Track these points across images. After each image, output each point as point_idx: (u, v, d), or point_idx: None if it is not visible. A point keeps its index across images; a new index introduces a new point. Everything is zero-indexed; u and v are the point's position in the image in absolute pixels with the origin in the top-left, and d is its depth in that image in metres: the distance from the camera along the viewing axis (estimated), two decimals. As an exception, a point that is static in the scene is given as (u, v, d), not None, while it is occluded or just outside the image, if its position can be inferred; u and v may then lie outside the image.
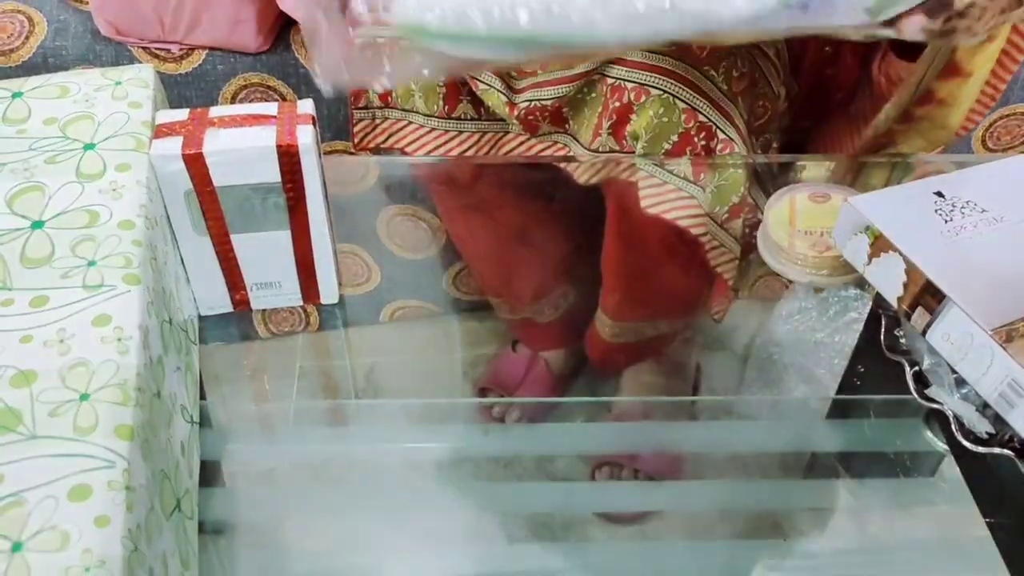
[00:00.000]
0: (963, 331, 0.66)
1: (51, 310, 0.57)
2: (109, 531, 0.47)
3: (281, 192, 0.71)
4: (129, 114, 0.71)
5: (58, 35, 1.26)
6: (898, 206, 0.73)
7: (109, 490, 0.49)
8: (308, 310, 0.81)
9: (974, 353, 0.65)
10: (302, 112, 0.72)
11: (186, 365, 0.70)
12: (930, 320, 0.68)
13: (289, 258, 0.76)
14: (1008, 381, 0.63)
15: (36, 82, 0.74)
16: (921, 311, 0.69)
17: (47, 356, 0.55)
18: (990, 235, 0.71)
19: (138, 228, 0.63)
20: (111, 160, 0.67)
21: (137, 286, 0.59)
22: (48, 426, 0.51)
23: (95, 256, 0.60)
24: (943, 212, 0.73)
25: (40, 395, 0.53)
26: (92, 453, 0.50)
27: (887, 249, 0.71)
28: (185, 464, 0.63)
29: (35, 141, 0.69)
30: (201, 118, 0.71)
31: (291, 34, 1.27)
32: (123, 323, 0.57)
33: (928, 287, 0.68)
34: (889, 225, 0.72)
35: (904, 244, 0.70)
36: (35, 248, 0.61)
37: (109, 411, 0.52)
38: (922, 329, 0.69)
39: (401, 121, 1.06)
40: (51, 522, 0.47)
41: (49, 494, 0.48)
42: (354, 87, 1.01)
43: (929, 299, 0.68)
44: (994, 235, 0.72)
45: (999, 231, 0.72)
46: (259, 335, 0.81)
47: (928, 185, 0.75)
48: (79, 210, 0.63)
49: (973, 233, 0.72)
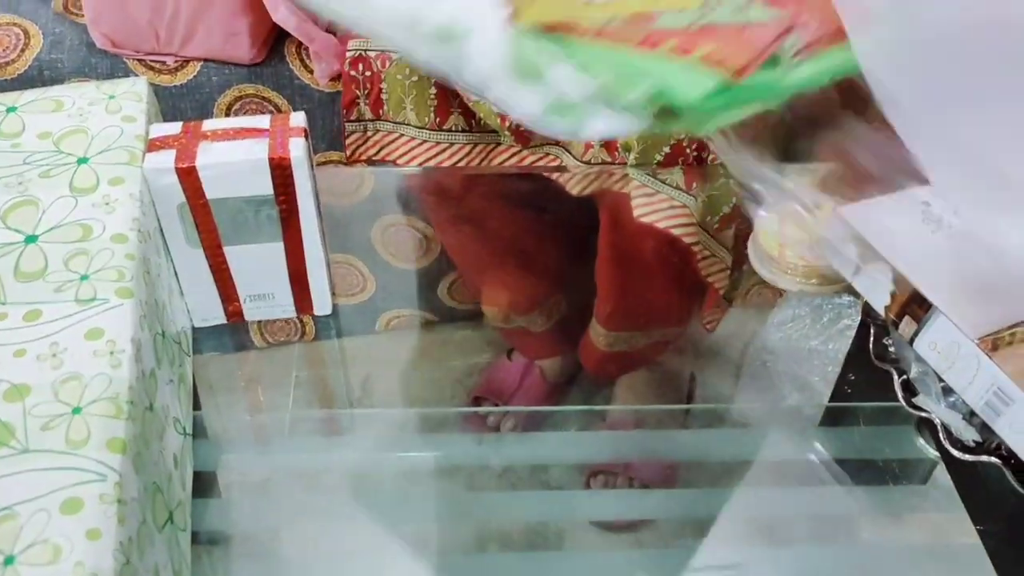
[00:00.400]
0: (949, 340, 0.66)
1: (44, 324, 0.58)
2: (101, 544, 0.48)
3: (274, 204, 0.72)
4: (123, 128, 0.72)
5: (54, 48, 1.27)
6: (885, 216, 0.73)
7: (101, 503, 0.49)
8: (303, 320, 0.81)
9: (960, 362, 0.65)
10: (294, 125, 0.72)
11: (179, 377, 0.70)
12: (917, 329, 0.68)
13: (282, 270, 0.76)
14: (994, 389, 0.63)
15: (31, 96, 0.74)
16: (908, 320, 0.69)
17: (40, 370, 0.55)
18: (977, 244, 0.72)
19: (131, 241, 0.63)
20: (104, 174, 0.68)
21: (130, 299, 0.60)
22: (40, 440, 0.51)
23: (88, 270, 0.61)
24: (930, 221, 0.73)
25: (33, 409, 0.53)
26: (84, 467, 0.50)
27: (874, 259, 0.71)
28: (178, 476, 0.63)
29: (29, 155, 0.69)
30: (194, 131, 0.72)
31: (285, 46, 1.28)
32: (116, 336, 0.57)
33: (915, 296, 0.68)
34: (876, 235, 0.72)
35: (891, 253, 0.71)
36: (29, 262, 0.61)
37: (101, 424, 0.52)
38: (909, 338, 0.69)
39: (393, 133, 1.06)
40: (43, 535, 0.47)
41: (41, 507, 0.48)
42: None
43: (916, 308, 0.68)
44: (981, 244, 0.72)
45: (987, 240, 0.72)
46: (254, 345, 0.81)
47: (916, 195, 0.75)
48: (72, 224, 0.64)
49: (960, 242, 0.72)
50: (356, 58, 1.05)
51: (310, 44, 1.21)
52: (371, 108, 1.06)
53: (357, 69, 1.05)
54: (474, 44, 0.55)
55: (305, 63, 1.26)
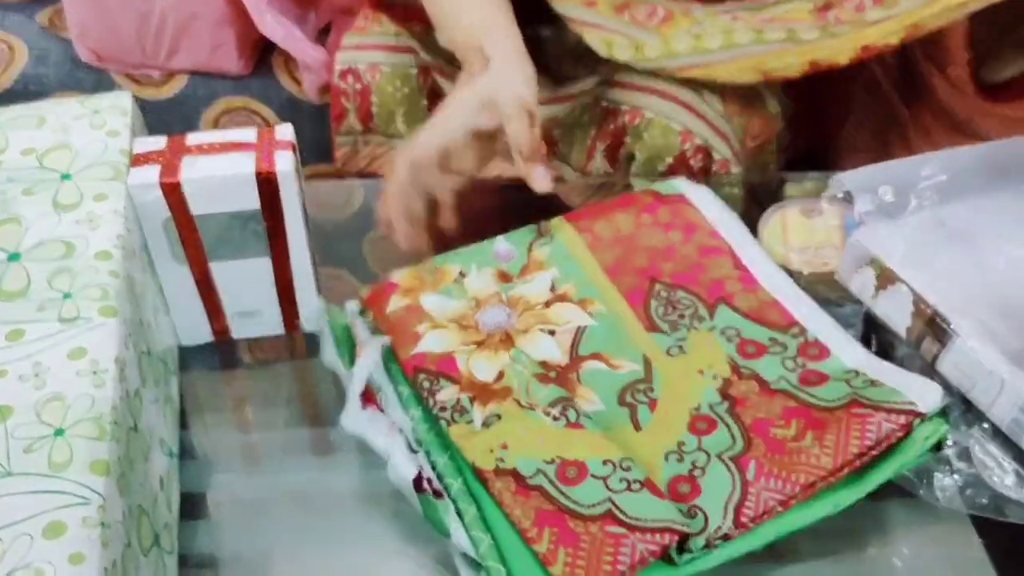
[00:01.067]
0: (972, 360, 0.66)
1: (26, 343, 0.56)
2: (84, 568, 0.46)
3: (260, 219, 0.71)
4: (107, 142, 0.71)
5: (39, 63, 1.26)
6: (903, 238, 0.74)
7: (84, 527, 0.48)
8: (294, 336, 0.80)
9: (984, 381, 0.66)
10: (281, 138, 0.71)
11: (165, 397, 0.69)
12: (939, 350, 0.69)
13: (270, 286, 0.75)
14: (1021, 406, 0.64)
15: (14, 112, 0.73)
16: (930, 341, 0.69)
17: (22, 390, 0.54)
18: (996, 262, 0.72)
19: (115, 259, 0.62)
20: (88, 190, 0.66)
21: (113, 318, 0.58)
22: (22, 462, 0.50)
23: (71, 288, 0.60)
24: (948, 242, 0.73)
25: (15, 431, 0.52)
26: (67, 489, 0.49)
27: (893, 281, 0.71)
28: (164, 498, 0.62)
29: (12, 172, 0.68)
30: (179, 146, 0.70)
31: (273, 57, 1.27)
32: (99, 356, 0.56)
33: (936, 317, 0.69)
34: (895, 257, 0.72)
35: (910, 276, 0.71)
36: (11, 281, 0.60)
37: (84, 446, 0.51)
38: (931, 359, 0.70)
39: (383, 146, 1.05)
40: (25, 560, 0.46)
41: (24, 531, 0.47)
42: None
43: (937, 329, 0.69)
44: (1000, 262, 0.72)
45: (1005, 258, 0.72)
46: (243, 363, 0.80)
47: (933, 216, 0.76)
48: (55, 241, 0.63)
49: (979, 261, 0.72)
50: (346, 70, 1.04)
51: (298, 56, 1.20)
52: (361, 121, 1.05)
53: (347, 81, 1.04)
54: None
55: (293, 75, 1.25)
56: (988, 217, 0.75)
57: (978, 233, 0.74)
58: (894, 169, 0.80)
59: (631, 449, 0.63)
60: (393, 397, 0.69)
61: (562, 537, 0.58)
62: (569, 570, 0.57)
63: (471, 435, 0.64)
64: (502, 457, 0.63)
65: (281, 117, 1.28)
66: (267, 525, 0.67)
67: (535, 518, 0.59)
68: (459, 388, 0.67)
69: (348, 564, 0.65)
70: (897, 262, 0.72)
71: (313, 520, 0.67)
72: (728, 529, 0.59)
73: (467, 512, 0.61)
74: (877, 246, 0.73)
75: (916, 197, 0.77)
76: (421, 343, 0.70)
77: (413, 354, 0.70)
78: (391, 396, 0.69)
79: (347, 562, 0.65)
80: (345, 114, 1.05)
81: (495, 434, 0.64)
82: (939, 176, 0.77)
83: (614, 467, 0.61)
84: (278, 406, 0.76)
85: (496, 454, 0.63)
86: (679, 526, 0.58)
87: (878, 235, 0.75)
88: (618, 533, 0.58)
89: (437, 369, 0.69)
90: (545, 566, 0.57)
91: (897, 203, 0.77)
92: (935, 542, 0.65)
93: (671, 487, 0.62)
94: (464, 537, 0.60)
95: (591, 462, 0.62)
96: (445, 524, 0.61)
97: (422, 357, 0.70)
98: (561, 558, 0.57)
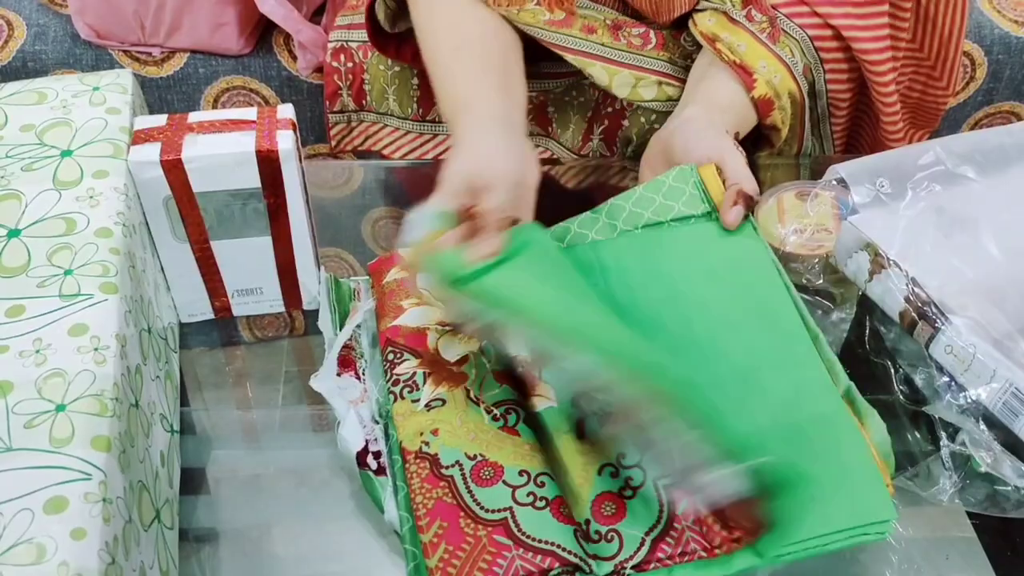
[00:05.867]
0: (965, 343, 0.67)
1: (27, 320, 0.57)
2: (85, 544, 0.47)
3: (261, 198, 0.71)
4: (107, 120, 0.71)
5: (38, 39, 1.25)
6: (898, 223, 0.74)
7: (85, 502, 0.48)
8: (293, 314, 0.80)
9: (976, 365, 0.66)
10: (282, 117, 0.71)
11: (166, 374, 0.69)
12: (932, 334, 0.69)
13: (270, 264, 0.75)
14: (1012, 390, 0.64)
15: (13, 88, 0.73)
16: (923, 325, 0.70)
17: (23, 367, 0.54)
18: (989, 249, 0.72)
19: (116, 236, 0.62)
20: (88, 167, 0.67)
21: (114, 295, 0.59)
22: (24, 438, 0.51)
23: (72, 265, 0.60)
24: (943, 227, 0.74)
25: (16, 406, 0.52)
26: (68, 465, 0.49)
27: (888, 266, 0.72)
28: (165, 474, 0.62)
29: (12, 148, 0.68)
30: (180, 123, 0.70)
31: (273, 37, 1.27)
32: (100, 332, 0.56)
33: (929, 302, 0.69)
34: (889, 242, 0.72)
35: (904, 260, 0.71)
36: (11, 257, 0.60)
37: (85, 422, 0.51)
38: (924, 343, 0.70)
39: (377, 124, 1.05)
40: (27, 535, 0.47)
41: (25, 507, 0.48)
42: None
43: (930, 314, 0.69)
44: (993, 249, 0.72)
45: (998, 245, 0.72)
46: (243, 340, 0.80)
47: (928, 201, 0.76)
48: (56, 218, 0.63)
49: (973, 247, 0.72)
50: (338, 49, 1.04)
51: (296, 35, 1.20)
52: (354, 99, 1.04)
53: (339, 60, 1.04)
54: None
55: (293, 54, 1.25)
56: (982, 204, 0.76)
57: (972, 220, 0.74)
58: (890, 158, 0.80)
59: (568, 457, 0.62)
60: (372, 367, 0.70)
61: (448, 533, 0.59)
62: (443, 566, 0.57)
63: (410, 414, 0.65)
64: (428, 441, 0.63)
65: (281, 97, 1.28)
66: (266, 500, 0.68)
67: (432, 508, 0.60)
68: (419, 363, 0.68)
69: (345, 539, 0.66)
70: (891, 247, 0.72)
71: (312, 495, 0.68)
72: (640, 560, 0.58)
73: (401, 490, 0.62)
74: (872, 231, 0.74)
75: (912, 185, 0.77)
76: (401, 317, 0.71)
77: (390, 326, 0.71)
78: (373, 366, 0.70)
79: (344, 536, 0.66)
80: (339, 92, 1.05)
81: (432, 418, 0.65)
82: (935, 165, 0.78)
83: (528, 479, 0.61)
84: (277, 383, 0.76)
85: (424, 437, 0.64)
86: (564, 554, 0.58)
87: (873, 220, 0.75)
88: (502, 544, 0.58)
89: (406, 343, 0.70)
90: (424, 556, 0.58)
91: (893, 192, 0.77)
92: (926, 521, 0.65)
93: (596, 505, 0.60)
94: (396, 515, 0.62)
95: (508, 468, 0.62)
96: (381, 501, 0.62)
97: (396, 330, 0.71)
98: (440, 553, 0.58)
